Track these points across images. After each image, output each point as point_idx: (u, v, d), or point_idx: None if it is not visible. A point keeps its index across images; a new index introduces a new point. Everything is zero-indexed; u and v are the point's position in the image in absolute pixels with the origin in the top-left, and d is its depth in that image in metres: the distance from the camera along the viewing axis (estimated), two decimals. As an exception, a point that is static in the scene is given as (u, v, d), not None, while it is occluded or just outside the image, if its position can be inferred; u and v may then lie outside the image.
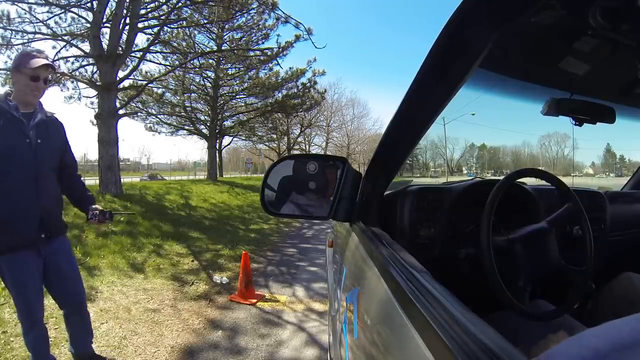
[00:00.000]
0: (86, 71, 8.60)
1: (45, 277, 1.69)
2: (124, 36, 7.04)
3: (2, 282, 1.69)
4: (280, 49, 10.83)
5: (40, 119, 1.62)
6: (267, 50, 11.26)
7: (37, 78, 1.56)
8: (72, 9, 7.64)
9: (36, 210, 1.59)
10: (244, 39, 12.89)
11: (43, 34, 7.77)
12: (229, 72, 13.86)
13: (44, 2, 7.23)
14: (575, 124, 1.02)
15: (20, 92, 1.57)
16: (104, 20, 7.03)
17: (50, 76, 1.66)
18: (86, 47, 7.28)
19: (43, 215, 1.62)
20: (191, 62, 10.96)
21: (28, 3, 7.20)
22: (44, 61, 1.57)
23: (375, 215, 0.94)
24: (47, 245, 1.66)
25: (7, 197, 1.52)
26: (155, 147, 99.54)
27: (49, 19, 7.76)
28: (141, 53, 8.36)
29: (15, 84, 1.58)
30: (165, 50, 10.50)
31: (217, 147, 16.93)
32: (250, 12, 10.49)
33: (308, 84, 14.09)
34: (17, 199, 1.54)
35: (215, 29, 12.38)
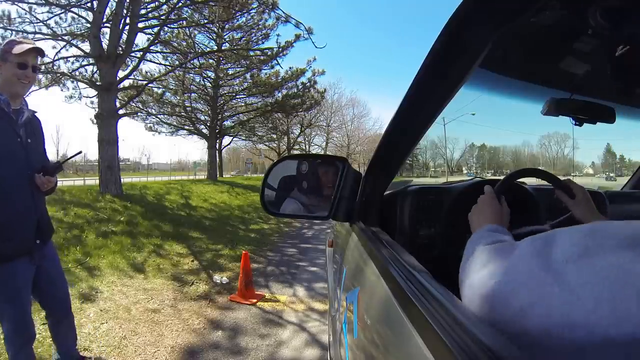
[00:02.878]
0: (86, 71, 8.59)
1: (35, 285, 1.59)
2: (124, 36, 7.04)
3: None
4: (280, 49, 10.83)
5: (27, 117, 1.51)
6: (267, 50, 11.26)
7: (24, 65, 1.42)
8: (72, 9, 7.63)
9: (33, 214, 1.52)
10: (244, 38, 12.89)
11: (43, 34, 7.76)
12: (229, 72, 13.86)
13: (44, 2, 7.22)
14: (575, 124, 1.02)
15: (7, 82, 1.42)
16: (104, 20, 7.02)
17: (38, 63, 1.52)
18: (86, 47, 7.27)
19: (39, 220, 1.55)
20: (191, 62, 10.96)
21: (28, 3, 7.19)
22: (30, 45, 1.44)
23: (375, 215, 0.93)
24: (39, 251, 1.58)
25: (3, 200, 1.41)
26: (155, 147, 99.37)
27: (49, 19, 7.75)
28: (141, 53, 8.35)
29: (0, 75, 1.42)
30: (165, 50, 10.49)
31: (217, 147, 16.93)
32: (251, 12, 10.49)
33: (308, 84, 14.11)
34: (14, 203, 1.43)
35: (215, 29, 12.38)
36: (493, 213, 0.70)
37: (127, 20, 7.00)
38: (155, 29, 8.07)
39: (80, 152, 2.14)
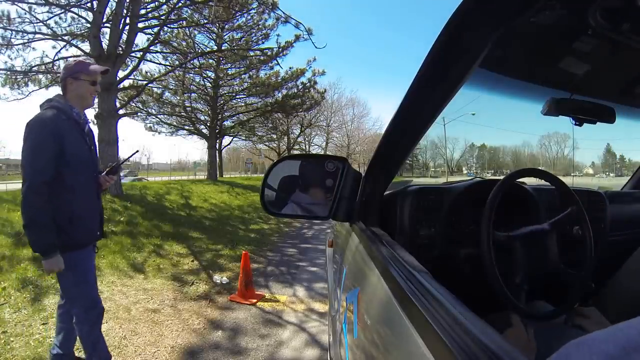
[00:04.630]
0: (86, 71, 8.58)
1: None
2: (124, 36, 7.03)
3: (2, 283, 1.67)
4: (280, 49, 10.82)
5: (89, 127, 1.77)
6: (267, 50, 11.25)
7: (95, 82, 1.73)
8: (72, 9, 7.63)
9: (98, 210, 1.82)
10: (244, 39, 12.88)
11: (43, 34, 7.75)
12: (229, 72, 13.85)
13: (44, 2, 7.22)
14: (575, 124, 1.02)
15: (80, 97, 1.70)
16: (104, 20, 7.01)
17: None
18: (86, 47, 7.26)
19: (101, 214, 1.84)
20: (191, 62, 10.95)
21: (28, 3, 7.18)
22: (103, 68, 1.76)
23: (375, 215, 0.93)
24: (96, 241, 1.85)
25: (81, 198, 1.68)
26: (155, 147, 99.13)
27: (49, 19, 7.73)
28: (141, 53, 8.34)
29: (71, 91, 1.68)
30: (165, 50, 10.48)
31: (217, 147, 16.93)
32: (250, 12, 10.48)
33: (308, 84, 14.09)
34: (88, 200, 1.72)
35: (215, 29, 12.38)
36: None
37: (127, 20, 6.99)
38: (155, 29, 8.06)
39: (137, 152, 2.34)
